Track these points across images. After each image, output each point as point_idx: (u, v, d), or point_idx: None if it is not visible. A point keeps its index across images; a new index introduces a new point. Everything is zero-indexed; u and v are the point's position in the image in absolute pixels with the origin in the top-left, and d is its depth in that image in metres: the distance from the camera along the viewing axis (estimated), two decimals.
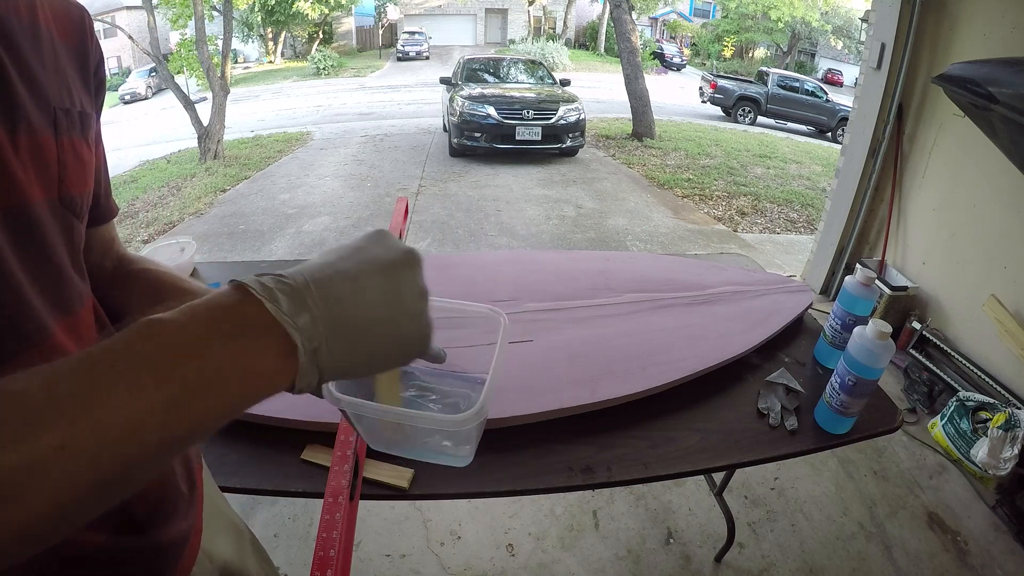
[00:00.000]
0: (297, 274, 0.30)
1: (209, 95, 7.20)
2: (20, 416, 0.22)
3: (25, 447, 0.22)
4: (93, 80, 0.45)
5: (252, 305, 0.28)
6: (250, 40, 21.84)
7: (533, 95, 6.56)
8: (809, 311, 1.22)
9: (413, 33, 22.16)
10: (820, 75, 22.98)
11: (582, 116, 6.39)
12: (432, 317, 0.35)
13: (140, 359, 0.25)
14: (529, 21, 25.17)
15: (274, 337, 0.28)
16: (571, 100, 6.43)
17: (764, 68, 13.25)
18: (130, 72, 17.05)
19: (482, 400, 0.44)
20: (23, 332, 0.34)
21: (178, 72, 8.00)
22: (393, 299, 0.32)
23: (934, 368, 2.26)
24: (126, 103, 16.83)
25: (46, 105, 0.38)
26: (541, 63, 8.21)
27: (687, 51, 26.88)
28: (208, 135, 6.90)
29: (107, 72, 0.48)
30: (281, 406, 0.83)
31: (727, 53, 25.95)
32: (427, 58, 21.17)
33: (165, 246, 1.25)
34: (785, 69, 16.70)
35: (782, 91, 11.53)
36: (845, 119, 9.53)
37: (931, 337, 2.31)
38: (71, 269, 0.40)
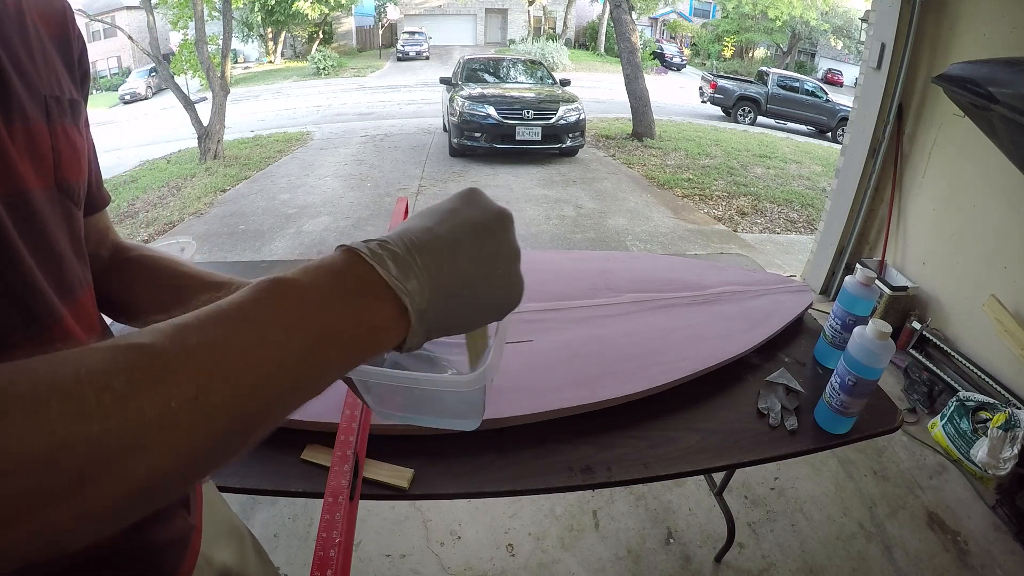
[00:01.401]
0: (399, 241, 0.31)
1: (209, 95, 7.20)
2: (152, 366, 0.23)
3: (158, 396, 0.22)
4: (78, 71, 0.46)
5: (364, 268, 0.29)
6: (250, 40, 21.85)
7: (533, 95, 6.56)
8: (809, 311, 1.22)
9: (413, 33, 22.17)
10: (820, 75, 22.98)
11: (582, 116, 6.40)
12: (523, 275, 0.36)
13: (270, 313, 0.26)
14: (529, 21, 25.17)
15: (388, 298, 0.29)
16: (571, 100, 6.43)
17: (764, 68, 13.25)
18: (130, 72, 17.06)
19: (490, 360, 0.44)
20: (35, 315, 0.35)
21: (180, 73, 8.00)
22: (489, 262, 0.33)
23: (934, 368, 2.26)
24: (126, 103, 16.82)
25: (37, 94, 0.38)
26: (541, 63, 8.21)
27: (687, 51, 26.88)
28: (208, 135, 6.90)
29: (91, 65, 0.49)
30: None
31: (727, 53, 25.96)
32: (427, 58, 21.17)
33: (165, 246, 1.25)
34: (785, 69, 16.70)
35: (782, 91, 11.53)
36: (845, 119, 9.54)
37: (931, 337, 2.31)
38: (73, 256, 0.41)
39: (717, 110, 12.14)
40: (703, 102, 12.52)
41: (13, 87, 0.36)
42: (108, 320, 0.51)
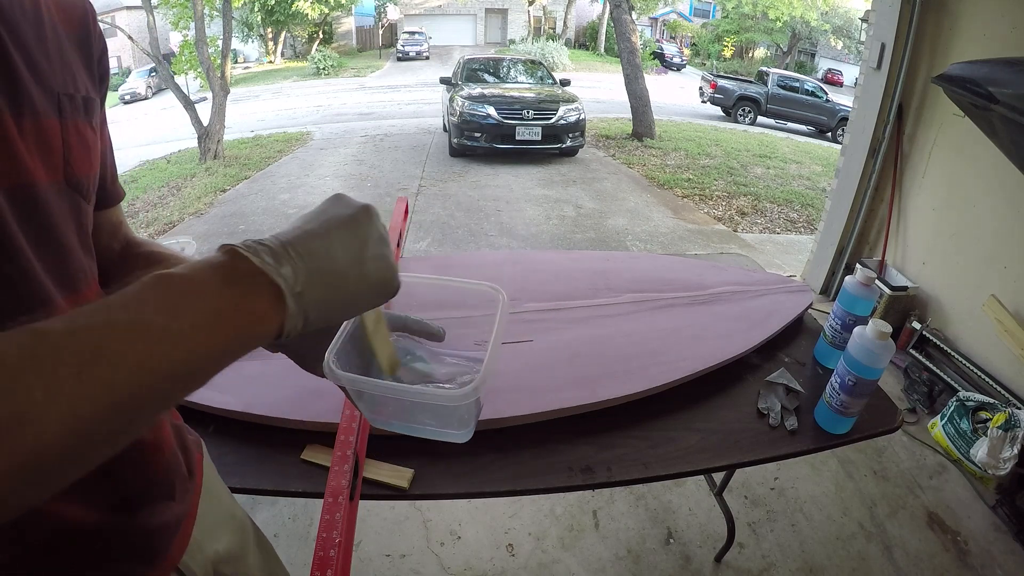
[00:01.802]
0: (273, 238, 0.34)
1: (209, 95, 7.20)
2: (41, 346, 0.24)
3: (44, 373, 0.24)
4: (97, 70, 0.47)
5: (241, 260, 0.32)
6: (250, 40, 21.84)
7: (533, 95, 6.56)
8: (809, 311, 1.22)
9: (413, 33, 22.15)
10: (820, 75, 22.97)
11: (582, 116, 6.39)
12: (396, 264, 0.39)
13: (151, 299, 0.28)
14: (529, 21, 25.16)
15: (263, 284, 0.32)
16: (571, 100, 6.43)
17: (764, 68, 13.25)
18: (130, 72, 17.04)
19: (481, 375, 0.45)
20: (28, 304, 0.36)
21: (181, 73, 8.00)
22: (358, 246, 0.36)
23: (934, 368, 2.26)
24: (126, 103, 16.80)
25: (50, 91, 0.39)
26: (541, 63, 8.21)
27: (687, 51, 26.87)
28: (208, 135, 6.90)
29: (109, 66, 0.50)
30: (281, 406, 0.83)
31: (727, 53, 25.95)
32: (427, 58, 21.16)
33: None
34: (785, 69, 16.69)
35: (782, 91, 11.53)
36: (845, 119, 9.53)
37: (931, 337, 2.31)
38: (79, 249, 0.42)
39: (717, 110, 12.13)
40: (703, 102, 12.51)
41: (24, 83, 0.37)
42: None
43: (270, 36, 22.10)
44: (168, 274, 0.30)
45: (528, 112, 6.15)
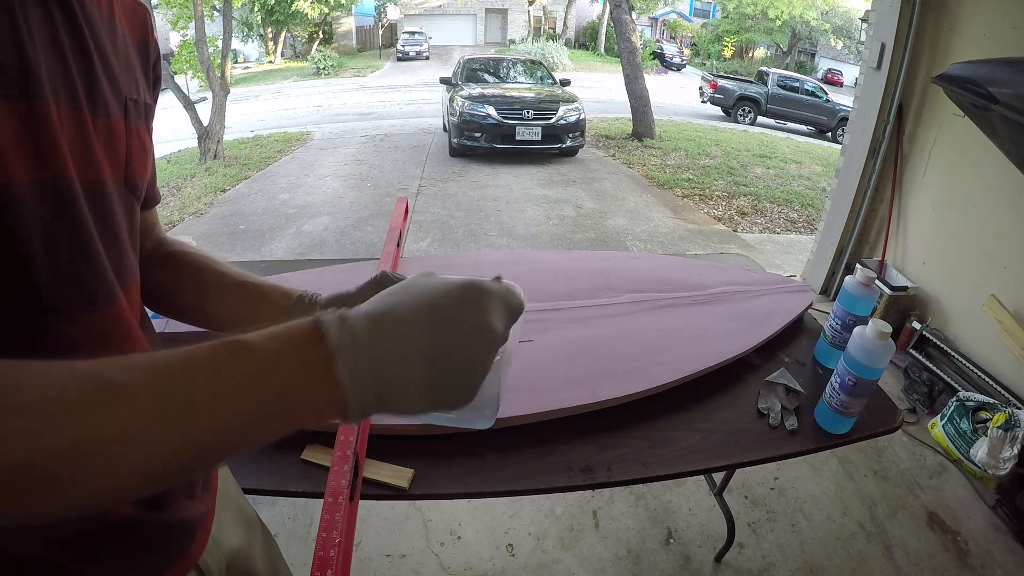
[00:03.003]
0: (367, 340, 0.31)
1: (209, 95, 7.20)
2: (115, 398, 0.27)
3: (113, 424, 0.26)
4: (152, 74, 0.49)
5: (326, 354, 0.30)
6: (250, 40, 21.83)
7: (533, 95, 6.56)
8: (809, 311, 1.22)
9: (413, 33, 22.15)
10: (820, 75, 22.97)
11: (582, 116, 6.39)
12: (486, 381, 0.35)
13: (223, 369, 0.29)
14: (529, 21, 25.16)
15: (333, 388, 0.31)
16: (571, 100, 6.43)
17: (764, 68, 13.25)
18: None
19: (505, 356, 0.42)
20: (93, 296, 0.39)
21: (180, 73, 8.00)
22: (441, 385, 0.33)
23: (934, 368, 2.26)
24: None
25: (119, 94, 0.41)
26: (541, 63, 8.21)
27: (687, 51, 26.87)
28: (208, 135, 6.90)
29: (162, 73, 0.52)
30: None
31: (727, 53, 25.95)
32: (427, 58, 21.16)
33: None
34: (785, 69, 16.69)
35: (782, 91, 11.53)
36: (845, 119, 9.53)
37: (931, 337, 2.31)
38: (130, 247, 0.44)
39: (717, 110, 12.13)
40: (703, 102, 12.51)
41: (101, 84, 0.39)
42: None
43: (270, 36, 22.09)
44: (249, 346, 0.30)
45: (528, 112, 6.15)
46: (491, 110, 6.06)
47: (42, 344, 0.36)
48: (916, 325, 2.37)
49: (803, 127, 11.57)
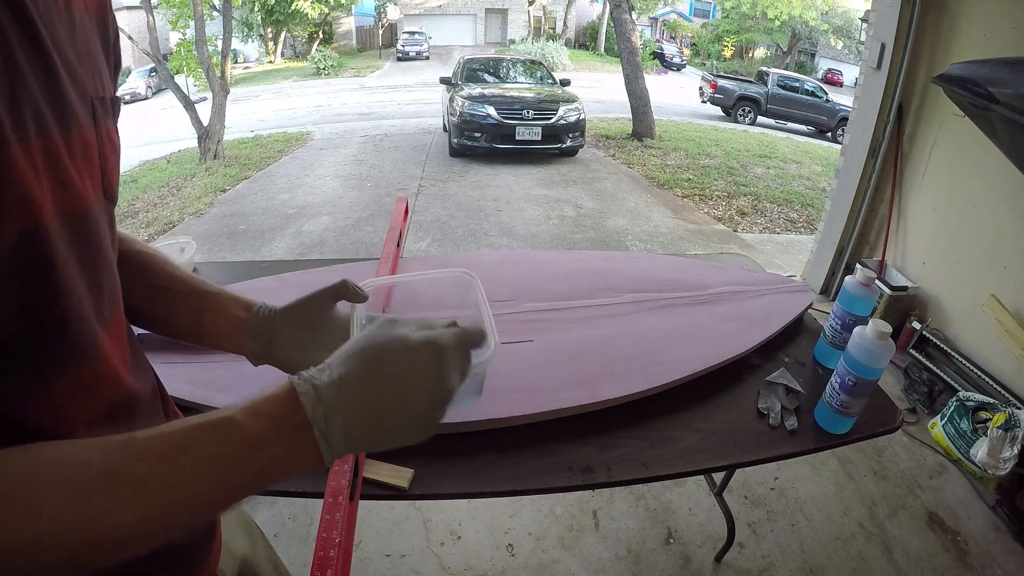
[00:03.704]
0: (330, 383, 0.37)
1: (209, 95, 7.20)
2: (110, 485, 0.30)
3: (130, 516, 0.31)
4: (113, 56, 0.43)
5: (297, 413, 0.35)
6: (250, 40, 21.82)
7: (533, 95, 6.56)
8: (809, 311, 1.22)
9: (413, 33, 22.15)
10: (820, 75, 22.97)
11: (582, 116, 6.39)
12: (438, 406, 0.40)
13: (211, 449, 0.34)
14: (529, 21, 25.16)
15: (312, 447, 0.36)
16: (571, 100, 6.43)
17: (764, 68, 13.25)
18: (130, 72, 17.02)
19: (494, 334, 0.47)
20: (73, 353, 0.35)
21: (178, 72, 8.00)
22: (399, 435, 0.39)
23: (934, 368, 2.26)
24: (126, 103, 16.76)
25: (85, 97, 0.36)
26: (541, 63, 8.21)
27: (687, 51, 26.87)
28: (208, 135, 6.90)
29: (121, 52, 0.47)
30: None
31: (727, 53, 25.95)
32: (427, 58, 21.16)
33: (165, 246, 1.25)
34: (785, 69, 16.69)
35: (782, 91, 11.53)
36: (845, 119, 9.53)
37: (931, 337, 2.31)
38: (113, 262, 0.41)
39: (717, 110, 12.13)
40: (703, 102, 12.51)
41: (68, 96, 0.34)
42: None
43: (270, 36, 22.09)
44: (240, 426, 0.34)
45: (528, 112, 6.15)
46: (491, 110, 6.06)
47: (27, 399, 0.33)
48: (916, 325, 2.37)
49: (803, 127, 11.57)
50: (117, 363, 0.40)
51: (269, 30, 21.57)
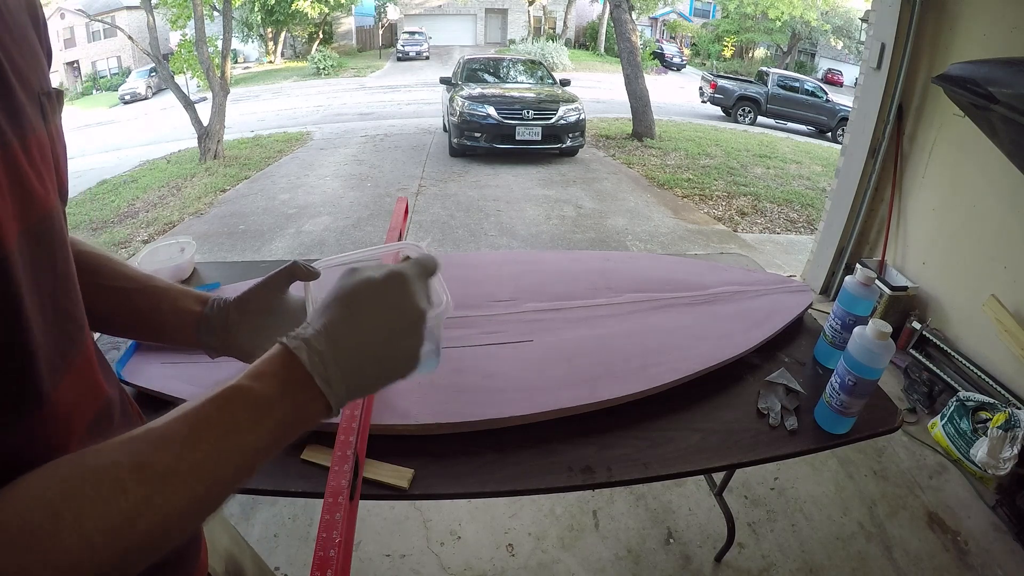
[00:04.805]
0: (318, 336, 0.39)
1: (209, 95, 7.20)
2: (152, 477, 0.31)
3: (169, 504, 0.32)
4: (44, 39, 0.39)
5: (296, 367, 0.38)
6: (250, 40, 21.84)
7: (533, 95, 6.56)
8: (809, 311, 1.22)
9: (413, 33, 22.16)
10: (820, 75, 22.97)
11: (582, 116, 6.39)
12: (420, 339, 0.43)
13: (237, 418, 0.36)
14: (529, 21, 25.17)
15: (315, 392, 0.38)
16: (571, 100, 6.43)
17: (764, 68, 13.25)
18: (130, 72, 17.03)
19: (446, 291, 0.52)
20: (23, 400, 0.31)
21: (178, 72, 8.01)
22: (389, 333, 0.41)
23: (934, 368, 2.26)
24: (126, 103, 16.81)
25: (32, 94, 0.33)
26: (541, 63, 8.21)
27: (687, 51, 26.87)
28: (208, 135, 6.90)
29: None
30: None
31: (727, 53, 25.95)
32: (427, 58, 21.17)
33: (165, 246, 1.25)
34: (785, 69, 16.70)
35: (782, 91, 11.53)
36: (845, 119, 9.53)
37: (931, 337, 2.31)
38: (73, 267, 0.38)
39: (717, 110, 12.13)
40: (703, 102, 12.51)
41: (19, 99, 0.31)
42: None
43: (270, 36, 22.10)
44: (247, 389, 0.36)
45: (528, 112, 6.15)
46: (491, 110, 6.06)
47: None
48: (916, 325, 2.37)
49: (803, 127, 11.57)
50: (97, 373, 0.40)
51: (269, 30, 21.59)
